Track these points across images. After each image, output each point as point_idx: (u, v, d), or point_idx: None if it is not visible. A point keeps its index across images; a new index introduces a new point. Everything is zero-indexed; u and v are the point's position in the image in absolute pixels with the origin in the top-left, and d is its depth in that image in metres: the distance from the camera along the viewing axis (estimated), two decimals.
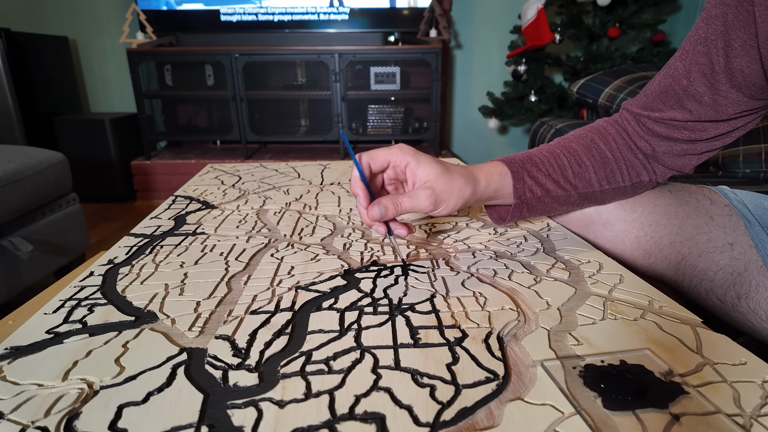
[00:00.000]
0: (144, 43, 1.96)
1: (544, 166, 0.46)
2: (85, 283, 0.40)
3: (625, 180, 0.48)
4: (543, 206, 0.47)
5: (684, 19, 2.18)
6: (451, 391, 0.27)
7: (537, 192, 0.45)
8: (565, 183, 0.46)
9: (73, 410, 0.25)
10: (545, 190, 0.46)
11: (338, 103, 1.99)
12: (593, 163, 0.47)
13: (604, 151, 0.48)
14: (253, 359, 0.30)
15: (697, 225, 0.47)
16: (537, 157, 0.47)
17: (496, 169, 0.45)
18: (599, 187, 0.47)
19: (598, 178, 0.47)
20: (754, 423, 0.24)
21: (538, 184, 0.46)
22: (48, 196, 1.16)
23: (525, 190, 0.45)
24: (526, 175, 0.45)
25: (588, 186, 0.47)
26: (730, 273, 0.45)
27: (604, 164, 0.47)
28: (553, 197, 0.47)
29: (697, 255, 0.47)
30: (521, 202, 0.45)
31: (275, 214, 0.59)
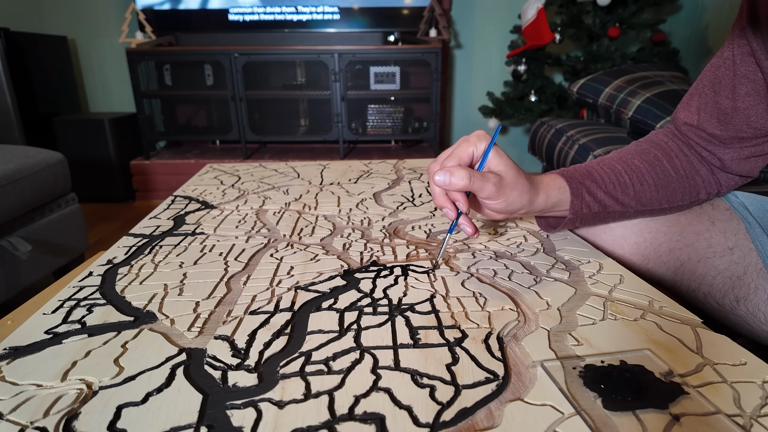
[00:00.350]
0: (143, 43, 1.96)
1: (605, 183, 0.45)
2: (84, 284, 0.40)
3: (684, 200, 0.47)
4: (597, 220, 0.47)
5: (684, 19, 2.18)
6: (450, 391, 0.26)
7: (594, 208, 0.45)
8: (624, 198, 0.46)
9: (72, 411, 0.25)
10: (603, 206, 0.45)
11: (338, 103, 1.99)
12: (656, 182, 0.46)
13: (668, 170, 0.47)
14: (252, 360, 0.29)
15: (698, 231, 0.47)
16: (598, 173, 0.46)
17: (555, 183, 0.44)
18: (658, 206, 0.47)
19: (659, 197, 0.46)
20: (754, 423, 0.24)
21: (596, 200, 0.45)
22: (47, 196, 1.15)
23: (582, 206, 0.44)
24: (585, 191, 0.44)
25: (648, 204, 0.46)
26: (729, 277, 0.45)
27: (666, 183, 0.46)
28: (609, 213, 0.46)
29: (696, 261, 0.47)
30: (576, 216, 0.45)
31: (275, 214, 0.59)
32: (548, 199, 0.43)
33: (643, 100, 1.28)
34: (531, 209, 0.42)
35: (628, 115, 1.31)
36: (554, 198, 0.43)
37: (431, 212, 0.60)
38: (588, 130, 1.37)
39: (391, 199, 0.66)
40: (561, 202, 0.44)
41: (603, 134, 1.33)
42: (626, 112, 1.31)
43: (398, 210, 0.61)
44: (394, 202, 0.64)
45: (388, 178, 0.77)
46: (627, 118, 1.32)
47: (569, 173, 0.45)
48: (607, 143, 1.27)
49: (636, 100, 1.30)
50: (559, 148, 1.44)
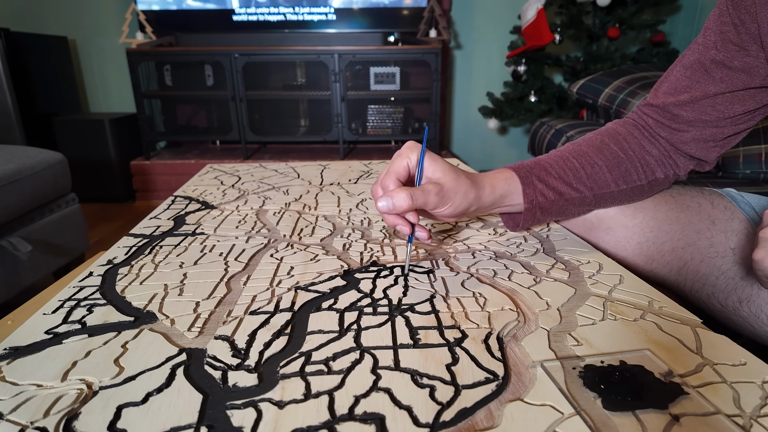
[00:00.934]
0: (143, 43, 1.96)
1: (554, 170, 0.46)
2: (85, 284, 0.40)
3: (641, 178, 0.47)
4: (558, 209, 0.47)
5: (684, 20, 2.18)
6: (450, 391, 0.26)
7: (549, 195, 0.45)
8: (578, 185, 0.46)
9: (72, 411, 0.25)
10: (558, 193, 0.45)
11: (338, 104, 1.99)
12: (606, 163, 0.47)
13: (616, 152, 0.47)
14: (252, 360, 0.29)
15: (699, 230, 0.47)
16: (545, 162, 0.46)
17: (502, 174, 0.44)
18: (616, 187, 0.47)
19: (614, 177, 0.47)
20: (753, 423, 0.24)
21: (549, 187, 0.45)
22: (47, 196, 1.15)
23: (536, 195, 0.45)
24: (536, 179, 0.45)
25: (604, 186, 0.47)
26: (732, 278, 0.45)
27: (617, 164, 0.47)
28: (567, 200, 0.46)
29: (699, 260, 0.47)
30: (533, 206, 0.45)
31: (275, 215, 0.59)
32: (495, 190, 0.43)
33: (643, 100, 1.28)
34: (481, 205, 0.43)
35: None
36: (501, 189, 0.44)
37: None
38: (587, 131, 1.37)
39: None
40: (510, 193, 0.44)
41: None
42: (626, 112, 1.31)
43: None
44: None
45: None
46: None
47: (517, 166, 0.46)
48: None
49: (636, 101, 1.30)
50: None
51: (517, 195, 0.45)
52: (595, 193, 0.47)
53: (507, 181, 0.44)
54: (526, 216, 0.46)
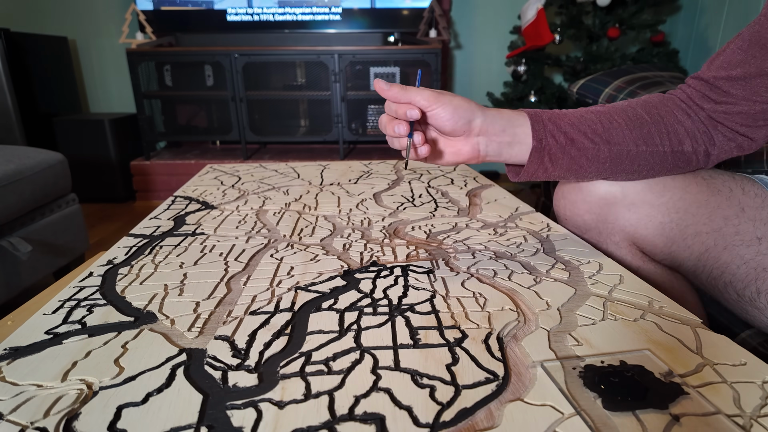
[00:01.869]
0: (143, 44, 1.96)
1: (568, 117, 0.43)
2: (85, 284, 0.40)
3: (664, 144, 0.44)
4: (569, 161, 0.43)
5: (684, 20, 2.18)
6: (450, 391, 0.26)
7: (560, 139, 0.41)
8: (593, 135, 0.42)
9: (73, 411, 0.25)
10: (569, 139, 0.42)
11: (338, 104, 1.99)
12: (626, 122, 0.43)
13: (641, 114, 0.44)
14: (252, 360, 0.29)
15: (727, 216, 0.44)
16: (560, 111, 0.44)
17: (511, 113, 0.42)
18: (635, 147, 0.43)
19: (633, 137, 0.43)
20: (754, 423, 0.24)
21: (560, 131, 0.41)
22: (47, 196, 1.15)
23: (545, 134, 0.41)
24: (547, 119, 0.42)
25: (621, 142, 0.43)
26: (754, 268, 0.43)
27: (639, 125, 0.43)
28: (580, 149, 0.42)
29: (723, 247, 0.44)
30: (541, 146, 0.41)
31: (275, 215, 0.59)
32: (501, 113, 0.41)
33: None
34: (487, 122, 0.41)
35: None
36: (508, 115, 0.41)
37: (431, 212, 0.60)
38: None
39: (391, 199, 0.66)
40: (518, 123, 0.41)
41: None
42: None
43: (398, 210, 0.61)
44: (394, 202, 0.64)
45: (388, 179, 0.77)
46: None
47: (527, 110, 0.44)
48: None
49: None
50: None
51: (524, 133, 0.41)
52: (610, 148, 0.43)
53: (514, 111, 0.41)
54: (533, 158, 0.42)
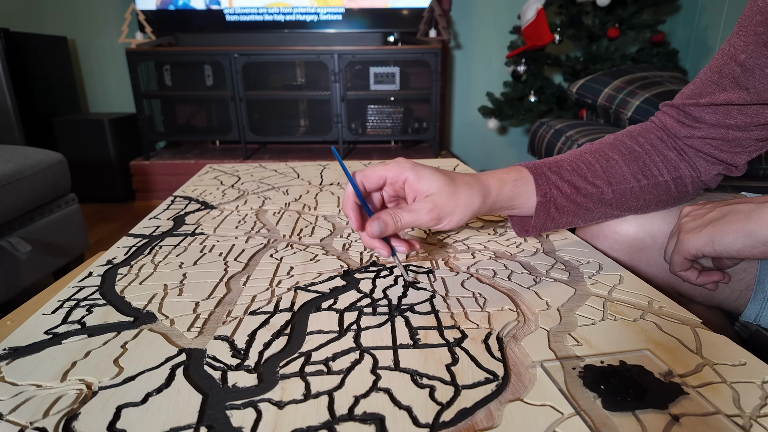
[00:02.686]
0: (143, 43, 1.96)
1: (567, 164, 0.42)
2: (84, 284, 0.40)
3: (663, 174, 0.43)
4: (575, 207, 0.42)
5: (683, 20, 2.18)
6: (450, 391, 0.26)
7: (564, 188, 0.41)
8: (594, 178, 0.42)
9: (72, 411, 0.25)
10: (573, 187, 0.41)
11: (338, 104, 1.99)
12: (622, 157, 0.43)
13: (632, 146, 0.44)
14: (252, 360, 0.29)
15: None
16: (557, 158, 0.43)
17: (511, 174, 0.40)
18: (636, 182, 0.43)
19: (632, 171, 0.43)
20: (753, 424, 0.24)
21: (563, 179, 0.41)
22: (47, 196, 1.15)
23: (549, 187, 0.40)
24: (548, 171, 0.41)
25: (623, 181, 0.42)
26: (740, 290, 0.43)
27: (634, 158, 0.43)
28: (585, 195, 0.41)
29: None
30: (546, 200, 0.40)
31: (274, 215, 0.59)
32: (502, 192, 0.39)
33: (642, 100, 1.28)
34: (489, 209, 0.39)
35: (627, 116, 1.31)
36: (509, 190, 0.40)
37: None
38: (587, 130, 1.38)
39: None
40: (519, 195, 0.40)
41: (602, 134, 1.33)
42: (625, 112, 1.32)
43: None
44: None
45: None
46: (626, 119, 1.32)
47: (528, 163, 0.42)
48: None
49: (635, 101, 1.30)
50: (558, 148, 1.44)
51: (529, 193, 0.40)
52: (613, 189, 0.42)
53: (516, 181, 0.40)
54: (539, 212, 0.41)
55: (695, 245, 0.36)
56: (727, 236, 0.34)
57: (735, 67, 0.40)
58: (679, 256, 0.38)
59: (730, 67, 0.40)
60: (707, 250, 0.36)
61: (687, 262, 0.38)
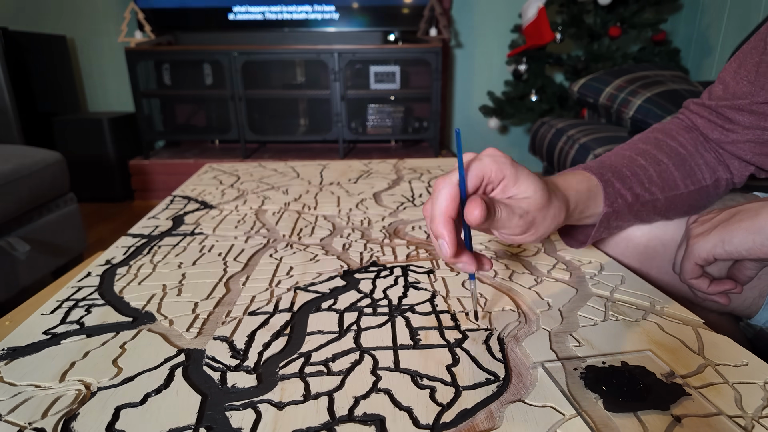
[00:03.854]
0: (142, 42, 1.96)
1: (628, 169, 0.40)
2: (83, 284, 0.40)
3: (706, 178, 0.42)
4: (632, 216, 0.41)
5: (685, 19, 2.18)
6: (451, 392, 0.26)
7: (628, 198, 0.39)
8: (650, 185, 0.40)
9: (71, 411, 0.25)
10: (635, 195, 0.40)
11: (338, 103, 1.99)
12: (671, 160, 0.42)
13: (676, 148, 0.42)
14: (251, 360, 0.29)
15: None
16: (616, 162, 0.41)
17: (583, 185, 0.37)
18: (685, 188, 0.42)
19: (681, 176, 0.42)
20: (755, 424, 0.24)
21: (627, 187, 0.39)
22: (45, 195, 1.15)
23: (616, 197, 0.39)
24: (613, 177, 0.39)
25: (673, 188, 0.41)
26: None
27: (682, 161, 0.42)
28: (643, 203, 0.40)
29: None
30: (612, 210, 0.39)
31: (274, 214, 0.59)
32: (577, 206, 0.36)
33: (644, 99, 1.28)
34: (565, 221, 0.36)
35: (628, 115, 1.31)
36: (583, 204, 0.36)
37: None
38: (588, 130, 1.37)
39: (391, 199, 0.65)
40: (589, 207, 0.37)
41: (603, 134, 1.33)
42: (627, 111, 1.31)
43: (398, 210, 0.60)
44: (394, 202, 0.64)
45: (388, 178, 0.77)
46: (628, 118, 1.32)
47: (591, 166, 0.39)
48: (607, 143, 1.26)
49: (637, 100, 1.30)
50: (559, 147, 1.44)
51: (597, 204, 0.38)
52: (666, 196, 0.41)
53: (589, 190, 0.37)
54: (603, 223, 0.39)
55: (705, 248, 0.35)
56: (737, 235, 0.33)
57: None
58: (689, 263, 0.37)
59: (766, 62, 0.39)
60: (718, 252, 0.35)
61: (698, 268, 0.37)
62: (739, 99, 0.41)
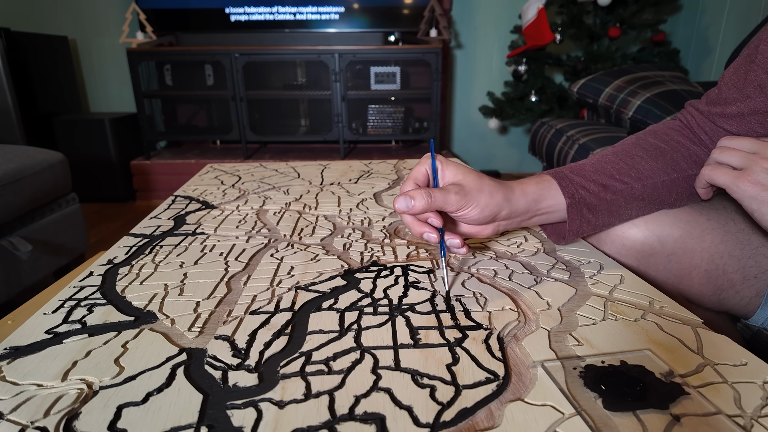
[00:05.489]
0: (144, 43, 1.96)
1: (591, 165, 0.42)
2: (85, 283, 0.40)
3: (692, 168, 0.43)
4: (607, 205, 0.41)
5: (684, 19, 2.18)
6: (451, 391, 0.26)
7: (591, 188, 0.40)
8: (620, 176, 0.41)
9: (73, 410, 0.25)
10: (601, 185, 0.41)
11: (338, 103, 1.99)
12: (647, 154, 0.43)
13: (656, 143, 0.43)
14: (252, 360, 0.29)
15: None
16: (579, 163, 0.43)
17: (531, 179, 0.41)
18: (666, 176, 0.42)
19: (659, 166, 0.42)
20: (754, 424, 0.24)
21: (588, 180, 0.41)
22: (47, 195, 1.16)
23: (575, 188, 0.40)
24: (571, 174, 0.41)
25: (651, 176, 0.42)
26: None
27: (660, 154, 0.43)
28: (614, 192, 0.41)
29: None
30: (575, 201, 0.40)
31: (275, 214, 0.59)
32: (526, 192, 0.40)
33: (644, 100, 1.28)
34: (513, 210, 0.40)
35: (628, 115, 1.31)
36: (533, 192, 0.40)
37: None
38: (588, 130, 1.37)
39: (392, 199, 0.66)
40: (544, 197, 0.40)
41: (603, 134, 1.33)
42: (626, 112, 1.31)
43: None
44: None
45: (388, 178, 0.77)
46: (627, 118, 1.32)
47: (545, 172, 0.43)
48: (607, 143, 1.26)
49: (636, 100, 1.30)
50: (559, 148, 1.44)
51: (554, 196, 0.40)
52: (643, 183, 0.42)
53: (538, 183, 0.40)
54: (572, 215, 0.41)
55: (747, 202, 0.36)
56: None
57: (761, 74, 0.39)
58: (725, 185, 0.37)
59: (756, 74, 0.40)
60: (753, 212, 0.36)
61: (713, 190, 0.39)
62: (729, 105, 0.42)
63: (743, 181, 0.36)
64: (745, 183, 0.36)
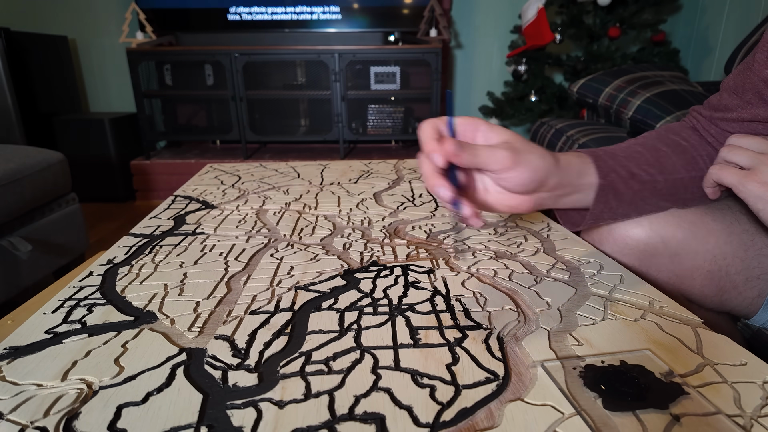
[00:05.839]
0: (144, 43, 1.96)
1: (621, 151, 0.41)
2: (85, 283, 0.40)
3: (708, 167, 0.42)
4: (632, 195, 0.40)
5: (684, 19, 2.18)
6: (451, 391, 0.26)
7: (622, 173, 0.39)
8: (647, 167, 0.40)
9: (73, 410, 0.25)
10: (630, 173, 0.39)
11: (338, 103, 1.99)
12: (671, 149, 0.42)
13: (678, 140, 0.43)
14: (252, 359, 0.29)
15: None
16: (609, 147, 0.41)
17: (570, 153, 0.38)
18: (686, 173, 0.42)
19: (682, 163, 0.42)
20: (754, 424, 0.24)
21: (620, 165, 0.39)
22: (47, 195, 1.15)
23: (608, 170, 0.39)
24: (605, 155, 0.40)
25: (673, 171, 0.42)
26: None
27: (682, 150, 0.42)
28: (641, 182, 0.40)
29: None
30: (607, 183, 0.38)
31: (275, 214, 0.59)
32: (570, 164, 0.37)
33: (643, 100, 1.28)
34: (561, 180, 0.36)
35: (628, 115, 1.31)
36: (576, 164, 0.37)
37: (431, 212, 0.60)
38: (588, 130, 1.37)
39: (392, 199, 0.66)
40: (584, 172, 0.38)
41: (603, 134, 1.33)
42: (626, 112, 1.31)
43: (398, 210, 0.61)
44: (395, 202, 0.64)
45: (388, 178, 0.77)
46: (627, 118, 1.32)
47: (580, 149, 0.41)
48: (606, 143, 1.26)
49: (636, 100, 1.30)
50: (558, 147, 1.44)
51: (590, 173, 0.38)
52: (666, 178, 0.41)
53: (579, 156, 0.38)
54: (599, 198, 0.38)
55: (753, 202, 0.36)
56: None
57: (758, 81, 0.39)
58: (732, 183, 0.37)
59: (751, 80, 0.40)
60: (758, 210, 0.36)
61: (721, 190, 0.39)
62: (730, 112, 0.42)
63: (750, 181, 0.36)
64: (752, 183, 0.36)
